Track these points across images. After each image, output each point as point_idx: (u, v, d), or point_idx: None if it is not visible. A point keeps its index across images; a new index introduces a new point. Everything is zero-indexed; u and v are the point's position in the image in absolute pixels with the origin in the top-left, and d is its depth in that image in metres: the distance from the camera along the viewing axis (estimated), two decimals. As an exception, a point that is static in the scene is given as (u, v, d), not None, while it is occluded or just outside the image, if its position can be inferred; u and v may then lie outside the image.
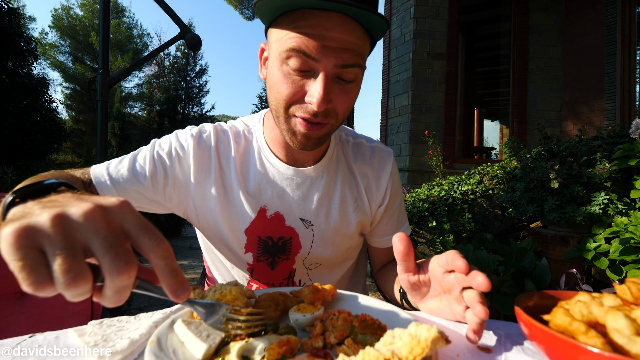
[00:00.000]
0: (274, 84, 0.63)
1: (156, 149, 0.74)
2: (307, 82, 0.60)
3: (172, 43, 1.97)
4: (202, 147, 0.75)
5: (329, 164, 0.80)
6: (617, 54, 4.55)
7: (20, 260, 0.27)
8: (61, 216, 0.29)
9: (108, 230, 0.30)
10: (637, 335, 0.31)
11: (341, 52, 0.58)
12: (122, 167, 0.70)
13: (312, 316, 0.48)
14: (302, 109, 0.62)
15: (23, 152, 7.36)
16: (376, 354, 0.33)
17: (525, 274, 1.77)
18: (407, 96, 5.32)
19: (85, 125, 15.09)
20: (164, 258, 0.32)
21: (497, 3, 5.82)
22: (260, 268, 0.79)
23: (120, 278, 0.29)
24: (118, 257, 0.29)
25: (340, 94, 0.62)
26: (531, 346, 0.45)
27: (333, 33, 0.57)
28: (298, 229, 0.78)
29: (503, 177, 3.10)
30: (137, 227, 0.32)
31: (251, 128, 0.81)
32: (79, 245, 0.29)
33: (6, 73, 7.32)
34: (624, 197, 2.01)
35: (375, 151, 0.85)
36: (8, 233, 0.28)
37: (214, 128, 0.78)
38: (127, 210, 0.32)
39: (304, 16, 0.57)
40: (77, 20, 14.87)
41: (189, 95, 16.01)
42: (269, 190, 0.76)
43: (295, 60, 0.58)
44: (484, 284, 0.44)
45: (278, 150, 0.76)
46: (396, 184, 0.86)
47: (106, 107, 1.80)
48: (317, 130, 0.64)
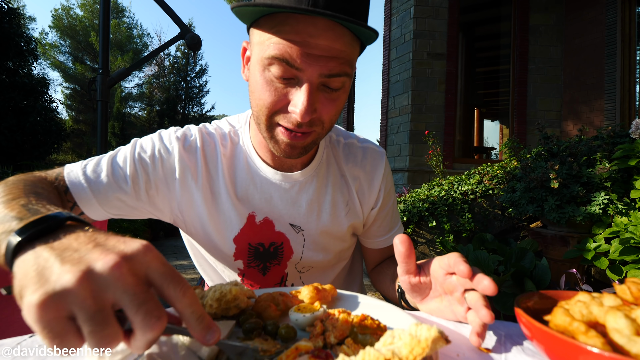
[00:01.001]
0: (256, 90, 0.59)
1: (137, 150, 0.68)
2: (291, 90, 0.57)
3: (172, 43, 1.97)
4: (188, 150, 0.70)
5: (319, 168, 0.77)
6: (617, 54, 4.55)
7: (49, 332, 0.26)
8: (87, 277, 0.27)
9: (137, 286, 0.29)
10: (637, 335, 0.31)
11: (327, 60, 0.54)
12: (100, 171, 0.64)
13: (312, 316, 0.48)
14: (285, 118, 0.59)
15: (23, 152, 7.36)
16: (376, 354, 0.33)
17: (525, 274, 1.77)
18: (407, 96, 5.32)
19: (85, 125, 15.09)
20: (190, 306, 0.31)
21: (497, 3, 5.82)
22: (252, 274, 0.78)
23: (152, 333, 0.29)
24: (150, 313, 0.28)
25: (326, 102, 0.59)
26: (531, 346, 0.45)
27: (318, 40, 0.53)
28: (288, 234, 0.76)
29: (503, 177, 3.10)
30: (162, 277, 0.31)
31: (237, 129, 0.77)
32: (109, 306, 0.28)
33: (6, 73, 7.32)
34: (624, 197, 2.01)
35: (367, 152, 0.81)
36: (34, 305, 0.26)
37: (199, 130, 0.74)
38: (152, 258, 0.31)
39: (287, 20, 0.53)
40: (77, 20, 14.87)
41: (189, 95, 16.01)
42: (256, 195, 0.73)
43: (278, 68, 0.55)
44: (489, 287, 0.43)
45: (264, 153, 0.73)
46: (389, 185, 0.84)
47: (106, 107, 1.80)
48: (302, 140, 0.61)
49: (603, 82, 4.69)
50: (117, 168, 0.66)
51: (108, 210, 0.66)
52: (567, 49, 5.18)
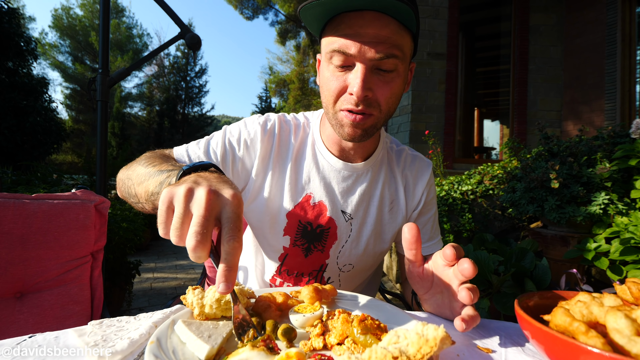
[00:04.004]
0: (324, 82, 0.71)
1: (227, 135, 0.83)
2: (349, 76, 0.66)
3: (172, 43, 1.97)
4: (268, 134, 0.83)
5: (375, 163, 0.85)
6: (617, 54, 4.55)
7: (173, 210, 0.41)
8: (212, 191, 0.41)
9: (233, 212, 0.41)
10: (637, 335, 0.31)
11: (375, 45, 0.63)
12: (198, 150, 0.80)
13: (312, 316, 0.48)
14: (346, 100, 0.68)
15: (23, 152, 7.37)
16: (384, 352, 0.33)
17: (526, 274, 1.77)
18: (407, 96, 5.32)
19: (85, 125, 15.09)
20: (228, 253, 0.39)
21: (497, 3, 5.82)
22: (294, 253, 0.84)
23: (234, 245, 0.39)
24: (238, 232, 0.40)
25: (381, 84, 0.66)
26: (531, 346, 0.45)
27: (367, 29, 0.62)
28: (338, 220, 0.83)
29: (503, 177, 3.10)
30: (226, 220, 0.41)
31: (310, 122, 0.88)
32: (214, 214, 0.40)
33: (6, 73, 7.32)
34: (625, 197, 2.01)
35: (416, 160, 0.92)
36: (183, 188, 0.41)
37: (278, 118, 0.86)
38: (233, 206, 0.42)
39: (343, 20, 0.64)
40: (77, 20, 14.87)
41: (189, 95, 16.01)
42: (317, 179, 0.82)
43: (337, 58, 0.65)
44: (468, 269, 0.47)
45: (331, 145, 0.83)
46: (432, 194, 0.92)
47: (106, 107, 1.80)
48: (362, 120, 0.68)
49: (603, 82, 4.69)
50: (211, 149, 0.81)
51: None
52: (567, 49, 5.18)
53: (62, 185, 3.89)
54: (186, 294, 0.50)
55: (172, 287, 3.45)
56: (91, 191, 1.05)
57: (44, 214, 0.93)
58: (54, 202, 0.96)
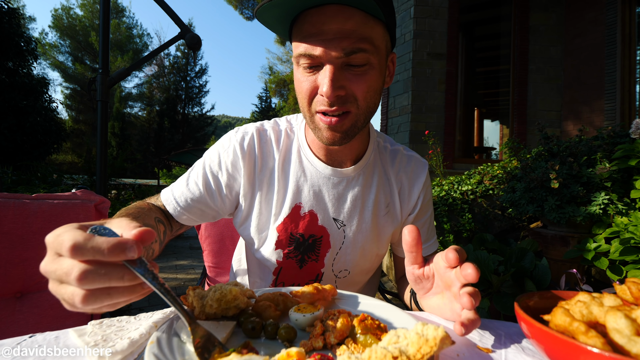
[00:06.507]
0: (296, 86, 0.68)
1: (208, 163, 0.80)
2: (318, 76, 0.63)
3: (172, 43, 1.97)
4: (248, 151, 0.79)
5: (366, 167, 0.82)
6: (617, 54, 4.55)
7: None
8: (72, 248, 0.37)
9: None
10: (637, 335, 0.31)
11: (339, 41, 0.59)
12: (183, 187, 0.79)
13: (312, 316, 0.48)
14: (319, 102, 0.65)
15: (23, 152, 7.37)
16: (384, 352, 0.33)
17: (525, 274, 1.77)
18: (407, 96, 5.32)
19: (85, 125, 15.09)
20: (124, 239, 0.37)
21: (497, 3, 5.82)
22: (288, 266, 0.81)
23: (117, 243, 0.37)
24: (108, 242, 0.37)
25: (354, 79, 0.63)
26: (531, 346, 0.45)
27: (330, 25, 0.59)
28: (330, 228, 0.80)
29: (503, 177, 3.10)
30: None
31: (294, 127, 0.84)
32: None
33: (6, 73, 7.32)
34: (624, 197, 2.01)
35: (411, 160, 0.87)
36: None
37: (257, 130, 0.82)
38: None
39: (305, 18, 0.61)
40: (77, 20, 14.86)
41: (189, 95, 16.01)
42: (305, 188, 0.79)
43: (304, 60, 0.63)
44: (471, 275, 0.45)
45: (317, 149, 0.79)
46: (428, 196, 0.88)
47: (106, 107, 1.80)
48: (339, 122, 0.65)
49: (603, 82, 4.68)
50: (193, 182, 0.79)
51: (195, 219, 0.81)
52: (567, 49, 5.18)
53: (62, 185, 3.89)
54: (186, 294, 0.50)
55: (172, 287, 3.45)
56: (91, 191, 1.05)
57: (44, 214, 0.93)
58: (54, 202, 0.96)
